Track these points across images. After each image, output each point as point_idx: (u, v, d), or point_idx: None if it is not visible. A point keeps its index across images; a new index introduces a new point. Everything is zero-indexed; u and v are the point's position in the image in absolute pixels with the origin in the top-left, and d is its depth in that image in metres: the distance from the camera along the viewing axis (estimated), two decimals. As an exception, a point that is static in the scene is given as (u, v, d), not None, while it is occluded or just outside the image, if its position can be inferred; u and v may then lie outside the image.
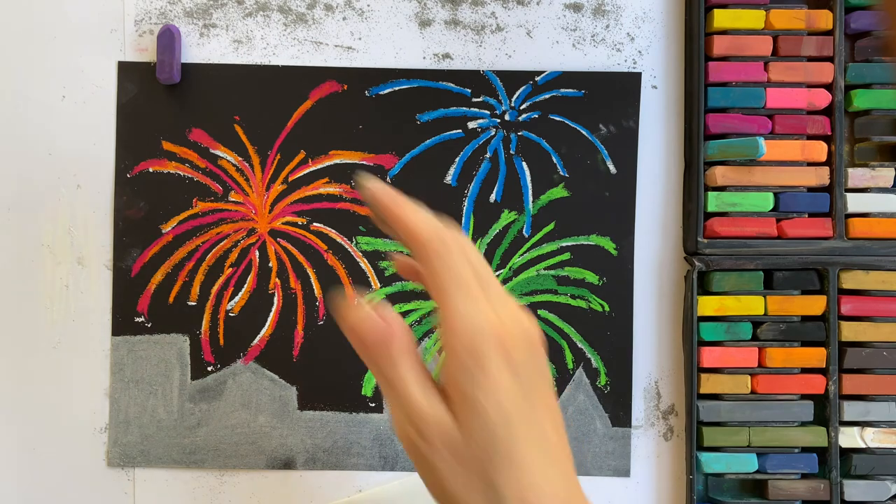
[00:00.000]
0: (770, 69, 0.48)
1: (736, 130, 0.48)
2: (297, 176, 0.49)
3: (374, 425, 0.49)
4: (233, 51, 0.49)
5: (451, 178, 0.49)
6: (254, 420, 0.49)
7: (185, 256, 0.49)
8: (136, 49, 0.49)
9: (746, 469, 0.48)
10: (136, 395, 0.49)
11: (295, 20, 0.49)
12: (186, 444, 0.49)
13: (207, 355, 0.49)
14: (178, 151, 0.49)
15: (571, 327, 0.49)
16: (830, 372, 0.48)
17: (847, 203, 0.49)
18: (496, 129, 0.49)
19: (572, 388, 0.49)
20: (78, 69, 0.49)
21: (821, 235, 0.48)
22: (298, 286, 0.49)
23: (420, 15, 0.50)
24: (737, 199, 0.48)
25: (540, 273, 0.50)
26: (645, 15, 0.50)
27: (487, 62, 0.50)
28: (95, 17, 0.49)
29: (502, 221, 0.50)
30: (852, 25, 0.48)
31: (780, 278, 0.48)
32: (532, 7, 0.50)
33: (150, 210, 0.49)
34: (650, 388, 0.50)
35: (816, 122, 0.49)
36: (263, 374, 0.49)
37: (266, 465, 0.49)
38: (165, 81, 0.48)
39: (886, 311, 0.48)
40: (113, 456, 0.49)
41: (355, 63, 0.49)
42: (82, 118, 0.49)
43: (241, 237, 0.49)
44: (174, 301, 0.49)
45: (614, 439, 0.49)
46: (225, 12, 0.49)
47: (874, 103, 0.48)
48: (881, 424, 0.48)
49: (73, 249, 0.49)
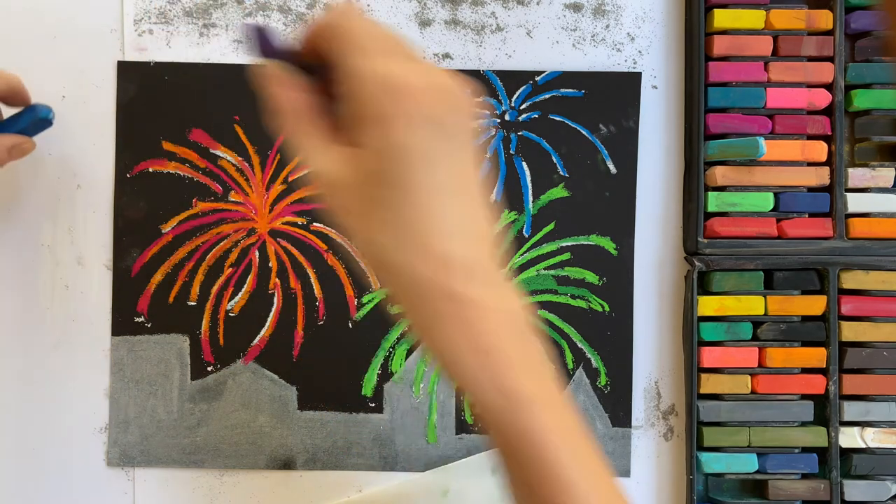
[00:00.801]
0: (770, 69, 0.48)
1: (736, 130, 0.48)
2: (297, 176, 0.49)
3: (373, 425, 0.49)
4: (233, 51, 0.49)
5: (451, 178, 0.49)
6: (254, 420, 0.49)
7: (185, 256, 0.49)
8: (135, 49, 0.49)
9: (746, 469, 0.48)
10: (135, 395, 0.49)
11: (295, 20, 0.49)
12: (186, 444, 0.49)
13: (207, 355, 0.49)
14: (178, 151, 0.49)
15: (571, 327, 0.49)
16: (830, 372, 0.48)
17: (847, 203, 0.49)
18: (496, 129, 0.49)
19: (572, 388, 0.49)
20: (78, 69, 0.49)
21: (821, 235, 0.48)
22: (298, 286, 0.49)
23: (420, 15, 0.50)
24: (737, 199, 0.48)
25: (540, 273, 0.50)
26: (645, 15, 0.50)
27: (487, 62, 0.50)
28: (95, 17, 0.49)
29: (502, 221, 0.50)
30: (852, 25, 0.48)
31: (780, 278, 0.48)
32: (532, 7, 0.50)
33: (150, 210, 0.49)
34: (650, 389, 0.50)
35: (816, 122, 0.49)
36: (263, 375, 0.49)
37: (266, 465, 0.49)
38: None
39: (886, 311, 0.48)
40: (113, 456, 0.49)
41: (355, 63, 0.49)
42: (82, 118, 0.49)
43: (241, 237, 0.49)
44: (174, 301, 0.49)
45: (614, 439, 0.49)
46: (225, 12, 0.49)
47: (874, 103, 0.48)
48: (881, 424, 0.48)
49: (73, 249, 0.49)
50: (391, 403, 0.49)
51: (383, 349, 0.49)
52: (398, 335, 0.49)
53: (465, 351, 0.29)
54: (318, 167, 0.31)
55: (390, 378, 0.49)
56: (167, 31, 0.49)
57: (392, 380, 0.49)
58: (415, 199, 0.29)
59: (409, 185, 0.29)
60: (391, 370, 0.49)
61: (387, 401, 0.49)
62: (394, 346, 0.49)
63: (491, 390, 0.29)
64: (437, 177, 0.29)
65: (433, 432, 0.49)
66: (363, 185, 0.30)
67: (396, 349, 0.49)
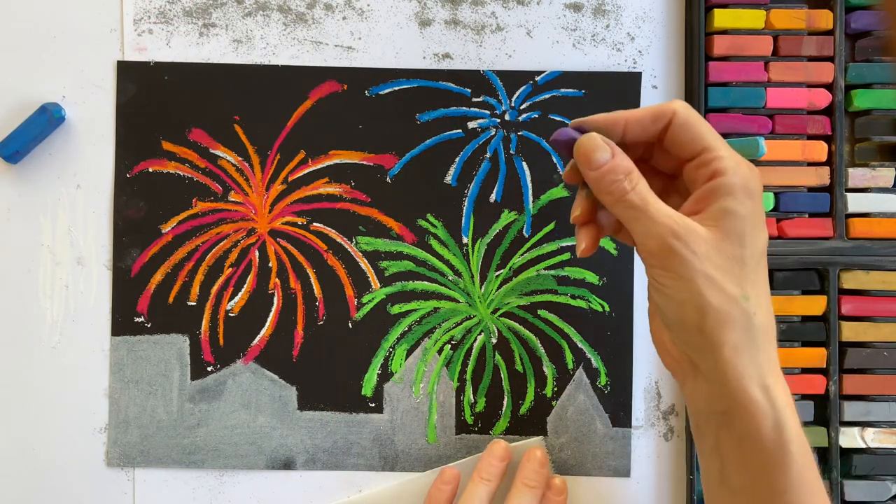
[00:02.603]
0: (770, 69, 0.48)
1: (736, 130, 0.48)
2: (296, 176, 0.49)
3: (374, 425, 0.49)
4: (232, 50, 0.49)
5: (451, 178, 0.49)
6: (254, 420, 0.49)
7: (185, 256, 0.49)
8: (135, 49, 0.49)
9: (746, 469, 0.48)
10: (135, 396, 0.49)
11: (295, 20, 0.49)
12: (186, 444, 0.49)
13: (207, 355, 0.49)
14: (177, 151, 0.49)
15: (571, 327, 0.49)
16: (831, 372, 0.48)
17: (847, 203, 0.49)
18: (496, 129, 0.49)
19: (572, 388, 0.49)
20: (78, 69, 0.49)
21: (821, 235, 0.48)
22: (298, 286, 0.49)
23: (420, 15, 0.50)
24: (737, 199, 0.48)
25: (540, 273, 0.50)
26: (645, 15, 0.50)
27: (487, 62, 0.50)
28: (95, 17, 0.49)
29: (502, 221, 0.50)
30: (852, 25, 0.48)
31: (780, 278, 0.48)
32: (532, 7, 0.50)
33: (150, 210, 0.49)
34: (650, 388, 0.50)
35: (817, 122, 0.49)
36: (263, 375, 0.49)
37: (266, 465, 0.49)
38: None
39: (887, 311, 0.48)
40: (113, 456, 0.49)
41: (355, 63, 0.49)
42: (82, 118, 0.49)
43: (241, 237, 0.49)
44: (174, 301, 0.49)
45: (614, 439, 0.49)
46: (224, 12, 0.49)
47: (874, 103, 0.48)
48: (881, 424, 0.48)
49: (72, 249, 0.49)
50: (391, 403, 0.49)
51: (383, 349, 0.49)
52: (398, 335, 0.49)
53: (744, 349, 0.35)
54: (680, 221, 0.36)
55: (390, 378, 0.49)
56: (167, 31, 0.49)
57: (392, 380, 0.49)
58: (761, 265, 0.37)
59: (759, 251, 0.36)
60: (391, 370, 0.49)
61: (387, 401, 0.49)
62: (394, 346, 0.49)
63: (756, 386, 0.35)
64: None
65: (433, 432, 0.49)
66: (720, 243, 0.36)
67: (396, 349, 0.49)
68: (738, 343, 0.35)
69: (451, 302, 0.49)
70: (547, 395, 0.49)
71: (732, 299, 0.35)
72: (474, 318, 0.49)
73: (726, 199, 0.35)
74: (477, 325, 0.49)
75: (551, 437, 0.49)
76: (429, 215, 0.49)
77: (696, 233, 0.35)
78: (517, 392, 0.49)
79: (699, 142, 0.37)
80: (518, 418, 0.49)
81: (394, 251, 0.49)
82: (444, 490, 0.46)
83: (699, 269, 0.35)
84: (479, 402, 0.49)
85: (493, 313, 0.49)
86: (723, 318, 0.35)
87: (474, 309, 0.49)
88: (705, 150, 0.37)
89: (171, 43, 0.49)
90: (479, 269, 0.49)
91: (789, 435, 0.34)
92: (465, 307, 0.49)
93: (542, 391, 0.49)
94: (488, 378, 0.49)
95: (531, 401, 0.49)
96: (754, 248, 0.35)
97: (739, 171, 0.36)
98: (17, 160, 0.48)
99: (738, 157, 0.37)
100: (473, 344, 0.49)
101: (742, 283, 0.35)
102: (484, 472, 0.46)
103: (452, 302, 0.49)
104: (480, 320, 0.49)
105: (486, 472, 0.46)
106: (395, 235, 0.49)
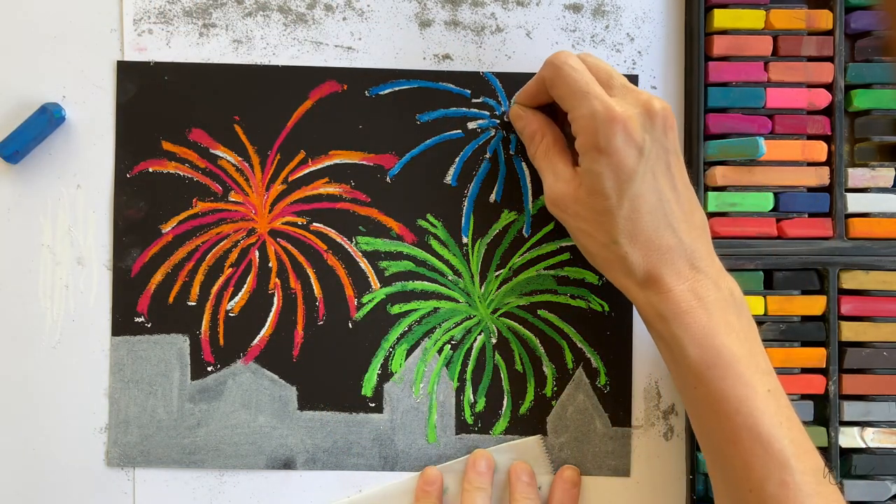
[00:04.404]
0: (770, 69, 0.48)
1: (736, 130, 0.48)
2: (297, 176, 0.49)
3: (374, 425, 0.49)
4: (232, 51, 0.49)
5: (451, 178, 0.49)
6: (254, 420, 0.49)
7: (185, 256, 0.49)
8: (135, 49, 0.49)
9: (746, 469, 0.48)
10: (135, 396, 0.49)
11: (295, 20, 0.49)
12: (186, 444, 0.49)
13: (207, 355, 0.49)
14: (177, 151, 0.49)
15: (571, 327, 0.49)
16: (830, 372, 0.48)
17: (847, 203, 0.49)
18: (496, 130, 0.49)
19: (572, 387, 0.49)
20: (78, 69, 0.49)
21: (821, 235, 0.48)
22: (298, 286, 0.49)
23: (420, 15, 0.50)
24: (737, 199, 0.48)
25: (540, 273, 0.50)
26: (645, 15, 0.50)
27: (487, 63, 0.50)
28: (95, 17, 0.49)
29: (502, 221, 0.50)
30: (852, 25, 0.48)
31: (780, 278, 0.48)
32: (532, 8, 0.50)
33: (150, 210, 0.49)
34: (650, 388, 0.50)
35: (816, 122, 0.49)
36: (263, 374, 0.49)
37: (266, 465, 0.49)
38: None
39: (886, 311, 0.48)
40: (113, 456, 0.49)
41: (355, 63, 0.49)
42: (82, 118, 0.49)
43: (241, 237, 0.49)
44: (174, 301, 0.49)
45: (614, 439, 0.49)
46: (224, 12, 0.49)
47: (874, 103, 0.48)
48: (881, 424, 0.48)
49: (72, 249, 0.49)
50: (391, 403, 0.49)
51: (383, 349, 0.49)
52: (398, 335, 0.49)
53: (695, 309, 0.40)
54: (550, 188, 0.43)
55: (390, 378, 0.49)
56: (167, 31, 0.49)
57: (392, 380, 0.49)
58: (633, 206, 0.40)
59: (626, 196, 0.40)
60: (391, 370, 0.49)
61: (387, 401, 0.49)
62: (394, 346, 0.49)
63: (699, 345, 0.40)
64: (647, 185, 0.40)
65: (433, 432, 0.49)
66: (585, 203, 0.41)
67: (396, 349, 0.49)
68: (622, 279, 0.42)
69: (451, 302, 0.49)
70: (547, 394, 0.49)
71: (604, 245, 0.41)
72: (474, 318, 0.49)
73: (583, 160, 0.41)
74: (477, 325, 0.49)
75: (551, 436, 0.49)
76: (429, 215, 0.49)
77: (566, 197, 0.42)
78: (517, 392, 0.49)
79: (564, 104, 0.41)
80: (518, 418, 0.49)
81: (394, 251, 0.49)
82: (429, 491, 0.47)
83: (574, 226, 0.43)
84: (479, 402, 0.49)
85: (493, 313, 0.49)
86: (601, 262, 0.43)
87: (474, 309, 0.49)
88: (568, 111, 0.41)
89: (171, 43, 0.49)
90: (478, 269, 0.49)
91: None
92: (465, 307, 0.49)
93: (542, 391, 0.49)
94: (488, 378, 0.49)
95: (531, 400, 0.49)
96: (621, 196, 0.40)
97: (587, 130, 0.40)
98: (17, 160, 0.48)
99: (595, 107, 0.39)
100: (473, 344, 0.49)
101: (611, 230, 0.40)
102: (475, 482, 0.47)
103: (452, 302, 0.49)
104: (480, 320, 0.49)
105: (476, 481, 0.47)
106: (395, 235, 0.49)
